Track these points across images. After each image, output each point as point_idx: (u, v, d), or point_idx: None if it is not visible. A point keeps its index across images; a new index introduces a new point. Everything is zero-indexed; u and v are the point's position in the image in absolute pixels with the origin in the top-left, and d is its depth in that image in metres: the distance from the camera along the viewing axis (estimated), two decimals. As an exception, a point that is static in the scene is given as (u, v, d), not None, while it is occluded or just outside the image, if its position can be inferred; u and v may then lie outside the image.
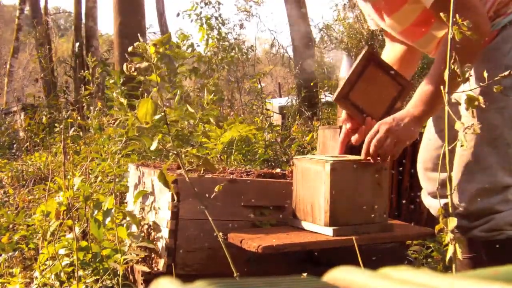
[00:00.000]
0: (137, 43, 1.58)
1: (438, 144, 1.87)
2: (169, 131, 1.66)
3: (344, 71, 3.96)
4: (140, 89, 4.71)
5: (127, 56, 1.88)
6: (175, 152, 1.64)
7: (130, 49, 1.60)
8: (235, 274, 1.50)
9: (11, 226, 2.86)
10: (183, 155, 1.66)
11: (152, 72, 1.59)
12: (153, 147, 1.66)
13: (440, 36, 1.77)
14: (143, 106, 1.59)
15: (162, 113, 1.63)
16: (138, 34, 1.84)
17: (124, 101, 1.75)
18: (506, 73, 1.21)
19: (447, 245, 1.17)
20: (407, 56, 1.97)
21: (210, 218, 1.59)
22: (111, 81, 4.10)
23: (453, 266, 1.17)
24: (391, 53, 1.99)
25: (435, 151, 1.88)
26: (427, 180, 1.93)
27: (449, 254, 1.16)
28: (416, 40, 1.84)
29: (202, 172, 1.81)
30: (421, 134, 1.98)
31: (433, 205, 1.93)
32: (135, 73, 1.57)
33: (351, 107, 1.88)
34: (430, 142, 1.92)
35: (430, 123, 1.94)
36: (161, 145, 1.72)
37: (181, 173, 1.89)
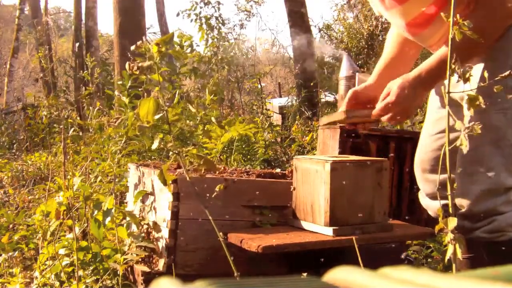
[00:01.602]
0: (140, 42, 1.58)
1: (436, 145, 1.86)
2: (170, 130, 1.66)
3: (344, 71, 3.94)
4: (140, 89, 4.72)
5: (128, 56, 1.88)
6: (176, 152, 1.64)
7: (132, 48, 1.59)
8: (235, 274, 1.50)
9: (11, 226, 2.86)
10: (183, 155, 1.66)
11: (154, 71, 1.59)
12: (154, 147, 1.66)
13: (444, 28, 1.75)
14: (145, 106, 1.58)
15: (164, 113, 1.62)
16: (139, 34, 1.83)
17: (126, 100, 1.75)
18: (507, 73, 1.20)
19: (447, 245, 1.17)
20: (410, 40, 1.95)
21: (210, 218, 1.59)
22: (119, 82, 4.09)
23: (453, 266, 1.17)
24: (395, 34, 1.97)
25: (433, 152, 1.87)
26: (425, 182, 1.92)
27: (449, 254, 1.16)
28: (419, 32, 1.80)
29: (203, 172, 1.81)
30: (419, 134, 1.97)
31: (431, 206, 1.92)
32: (137, 72, 1.56)
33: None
34: (427, 143, 1.90)
35: (428, 123, 1.93)
36: (162, 144, 1.72)
37: (181, 173, 1.89)
